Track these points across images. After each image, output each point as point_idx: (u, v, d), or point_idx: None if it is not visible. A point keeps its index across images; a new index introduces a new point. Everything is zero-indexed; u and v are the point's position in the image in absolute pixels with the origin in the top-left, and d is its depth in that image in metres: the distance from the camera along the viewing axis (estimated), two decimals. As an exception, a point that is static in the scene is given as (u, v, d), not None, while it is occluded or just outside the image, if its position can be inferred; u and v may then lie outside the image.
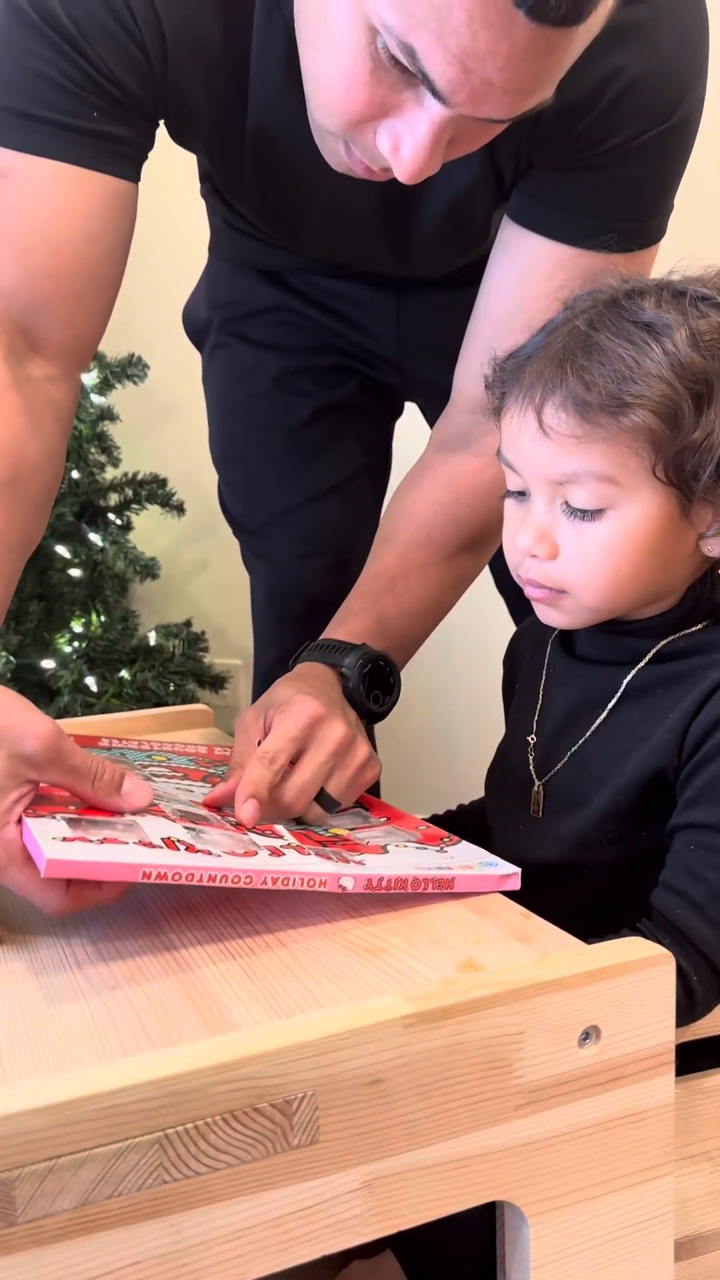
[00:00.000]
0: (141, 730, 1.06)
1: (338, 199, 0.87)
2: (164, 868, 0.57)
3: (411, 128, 0.67)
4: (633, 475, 0.66)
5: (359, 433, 1.15)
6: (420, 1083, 0.49)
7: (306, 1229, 0.47)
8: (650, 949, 0.54)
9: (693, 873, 0.65)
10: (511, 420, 0.71)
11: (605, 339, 0.66)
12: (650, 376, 0.65)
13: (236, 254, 1.11)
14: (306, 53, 0.71)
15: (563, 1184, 0.52)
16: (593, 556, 0.68)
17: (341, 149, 0.73)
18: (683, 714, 0.68)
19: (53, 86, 0.76)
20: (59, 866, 0.55)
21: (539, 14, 0.59)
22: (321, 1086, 0.46)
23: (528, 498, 0.71)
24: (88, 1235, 0.43)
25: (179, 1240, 0.45)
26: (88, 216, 0.80)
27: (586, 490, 0.67)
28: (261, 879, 0.59)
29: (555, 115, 0.77)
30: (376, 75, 0.65)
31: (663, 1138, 0.55)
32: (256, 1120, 0.45)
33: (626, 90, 0.77)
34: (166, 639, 1.71)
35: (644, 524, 0.67)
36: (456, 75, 0.62)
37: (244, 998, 0.54)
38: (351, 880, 0.61)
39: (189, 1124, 0.44)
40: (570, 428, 0.66)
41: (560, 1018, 0.51)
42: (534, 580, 0.71)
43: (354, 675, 0.83)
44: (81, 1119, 0.43)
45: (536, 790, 0.76)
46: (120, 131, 0.79)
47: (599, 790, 0.71)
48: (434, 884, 0.64)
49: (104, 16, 0.74)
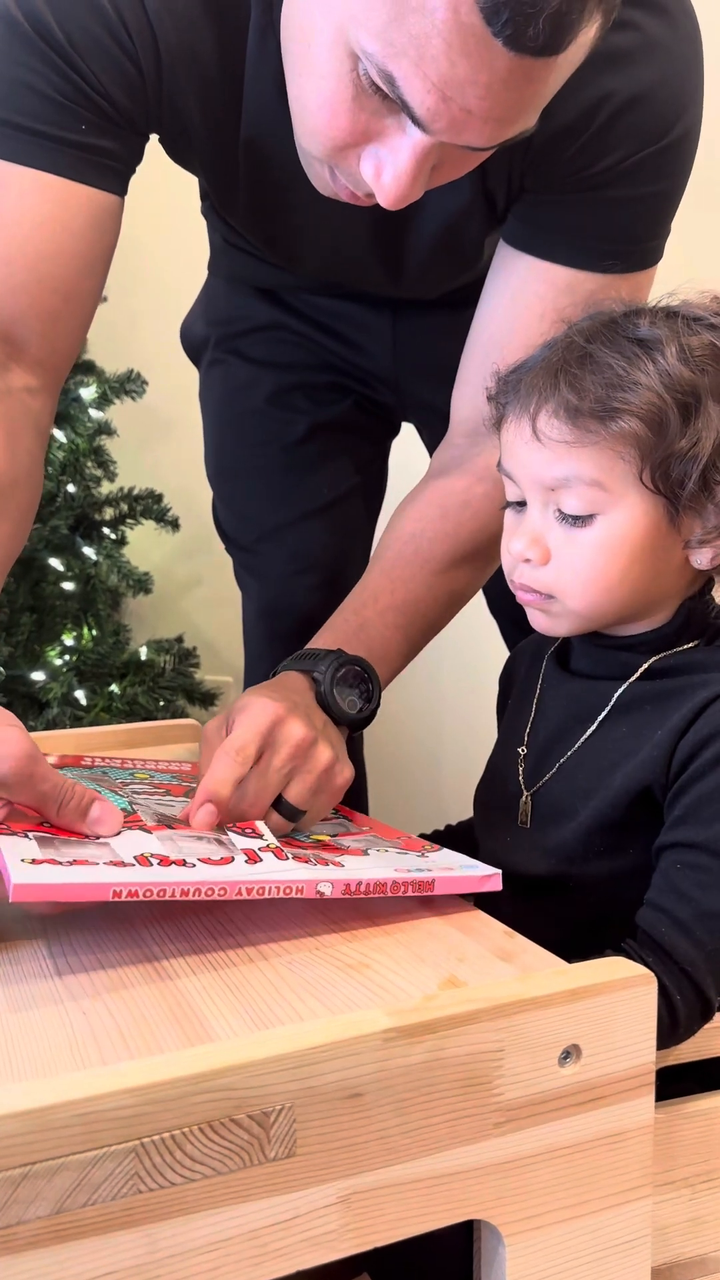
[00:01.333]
0: (130, 743, 1.06)
1: (331, 220, 0.88)
2: (134, 885, 0.57)
3: (394, 154, 0.68)
4: (620, 480, 0.69)
5: (354, 451, 1.15)
6: (399, 1098, 0.48)
7: (282, 1243, 0.47)
8: (632, 969, 0.54)
9: (678, 891, 0.66)
10: (509, 430, 0.73)
11: (598, 350, 0.69)
12: (639, 386, 0.67)
13: (234, 272, 1.12)
14: (292, 79, 0.71)
15: (540, 1204, 0.52)
16: (582, 561, 0.70)
17: (327, 174, 0.74)
18: (671, 731, 0.68)
19: (41, 98, 0.76)
20: (26, 890, 0.55)
21: (517, 44, 0.60)
22: (300, 1099, 0.46)
23: (525, 508, 0.73)
24: (61, 1244, 0.43)
25: (153, 1251, 0.45)
26: (68, 230, 0.79)
27: (577, 495, 0.69)
28: (236, 890, 0.59)
29: (545, 140, 0.78)
30: (359, 102, 0.66)
31: (641, 1160, 0.54)
32: (234, 1131, 0.45)
33: (617, 114, 0.78)
34: (158, 654, 1.71)
35: (632, 530, 0.69)
36: (435, 103, 0.63)
37: (224, 1010, 0.54)
38: (329, 885, 0.61)
39: (166, 1133, 0.44)
40: (562, 434, 0.69)
41: (541, 1036, 0.51)
42: (526, 585, 0.73)
43: (326, 679, 0.81)
44: (57, 1125, 0.42)
45: (525, 800, 0.76)
46: (108, 144, 0.79)
47: (586, 803, 0.71)
48: (413, 886, 0.64)
49: (98, 31, 0.75)
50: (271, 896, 0.60)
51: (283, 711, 0.74)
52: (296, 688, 0.81)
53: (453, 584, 0.92)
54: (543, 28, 0.59)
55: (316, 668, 0.82)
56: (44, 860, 0.57)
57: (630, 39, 0.76)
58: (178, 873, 0.59)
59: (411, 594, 0.90)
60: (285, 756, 0.73)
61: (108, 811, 0.65)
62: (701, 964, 0.63)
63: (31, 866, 0.56)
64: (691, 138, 0.82)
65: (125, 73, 0.77)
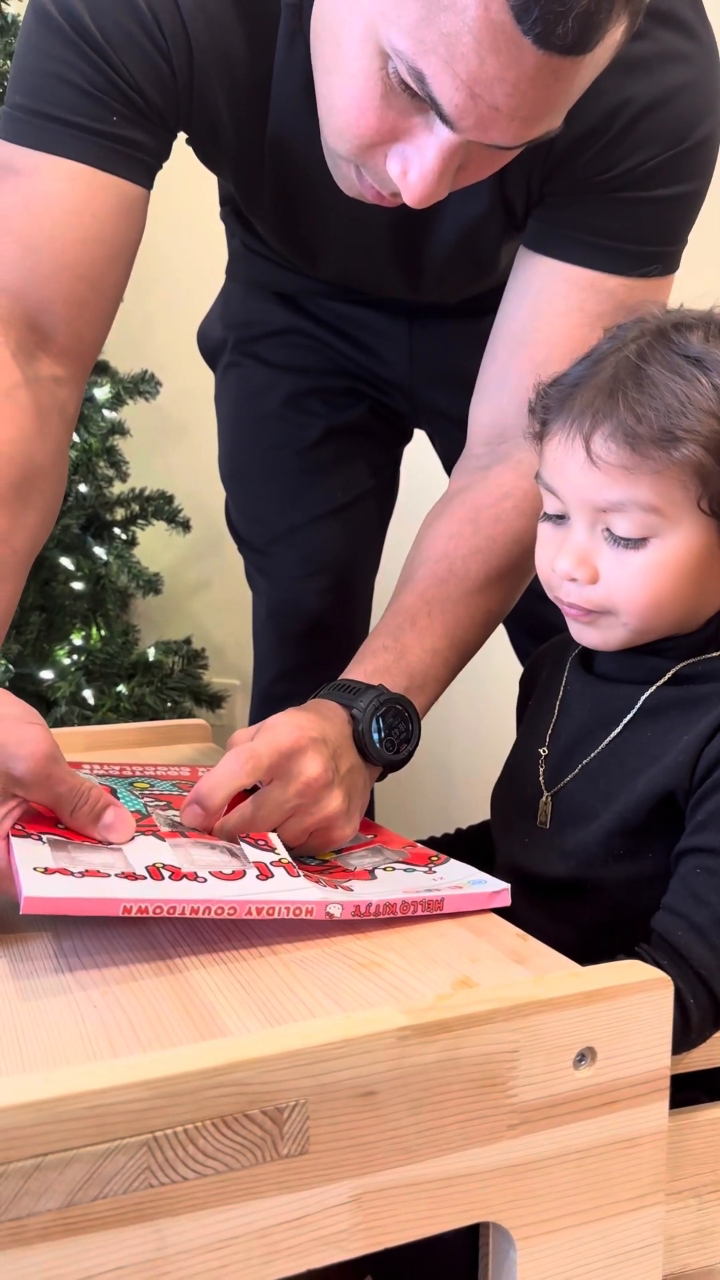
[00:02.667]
0: (140, 742, 1.05)
1: (352, 223, 0.88)
2: (146, 901, 0.56)
3: (420, 153, 0.68)
4: (678, 507, 0.68)
5: (367, 456, 1.15)
6: (413, 1097, 0.48)
7: (292, 1242, 0.46)
8: (649, 972, 0.53)
9: (696, 896, 0.65)
10: (557, 446, 0.71)
11: (656, 371, 0.68)
12: (700, 411, 0.66)
13: (253, 276, 1.12)
14: (320, 77, 0.72)
15: (552, 1208, 0.51)
16: (633, 582, 0.70)
17: (353, 173, 0.74)
18: (697, 737, 0.68)
19: (74, 90, 0.76)
20: (38, 904, 0.55)
21: (546, 42, 0.60)
22: (313, 1096, 0.46)
23: (566, 521, 0.72)
24: (71, 1237, 0.42)
25: (163, 1247, 0.44)
26: (95, 219, 0.79)
27: (630, 519, 0.69)
28: (246, 909, 0.59)
29: (564, 146, 0.78)
30: (387, 100, 0.66)
31: (654, 1166, 0.54)
32: (247, 1127, 0.45)
33: (636, 118, 0.78)
34: (166, 655, 1.71)
35: (685, 553, 0.69)
36: (464, 101, 0.63)
37: (236, 1006, 0.54)
38: (339, 907, 0.61)
39: (178, 1127, 0.44)
40: (620, 459, 0.68)
41: (556, 1038, 0.51)
42: (576, 604, 0.72)
43: (365, 717, 0.76)
44: (69, 1117, 0.42)
45: (545, 801, 0.76)
46: (138, 137, 0.79)
47: (607, 806, 0.71)
48: (422, 906, 0.64)
49: (131, 27, 0.75)
50: (281, 917, 0.60)
51: (306, 741, 0.70)
52: (335, 720, 0.76)
53: (489, 603, 0.88)
54: (571, 26, 0.59)
55: (356, 703, 0.77)
56: (56, 870, 0.57)
57: (649, 48, 0.76)
58: (188, 888, 0.59)
59: (450, 616, 0.86)
60: (294, 791, 0.69)
61: (120, 819, 0.65)
62: (717, 969, 0.63)
63: (44, 877, 0.56)
64: (712, 142, 0.82)
65: (157, 68, 0.77)
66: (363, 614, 1.20)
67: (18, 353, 0.80)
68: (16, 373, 0.79)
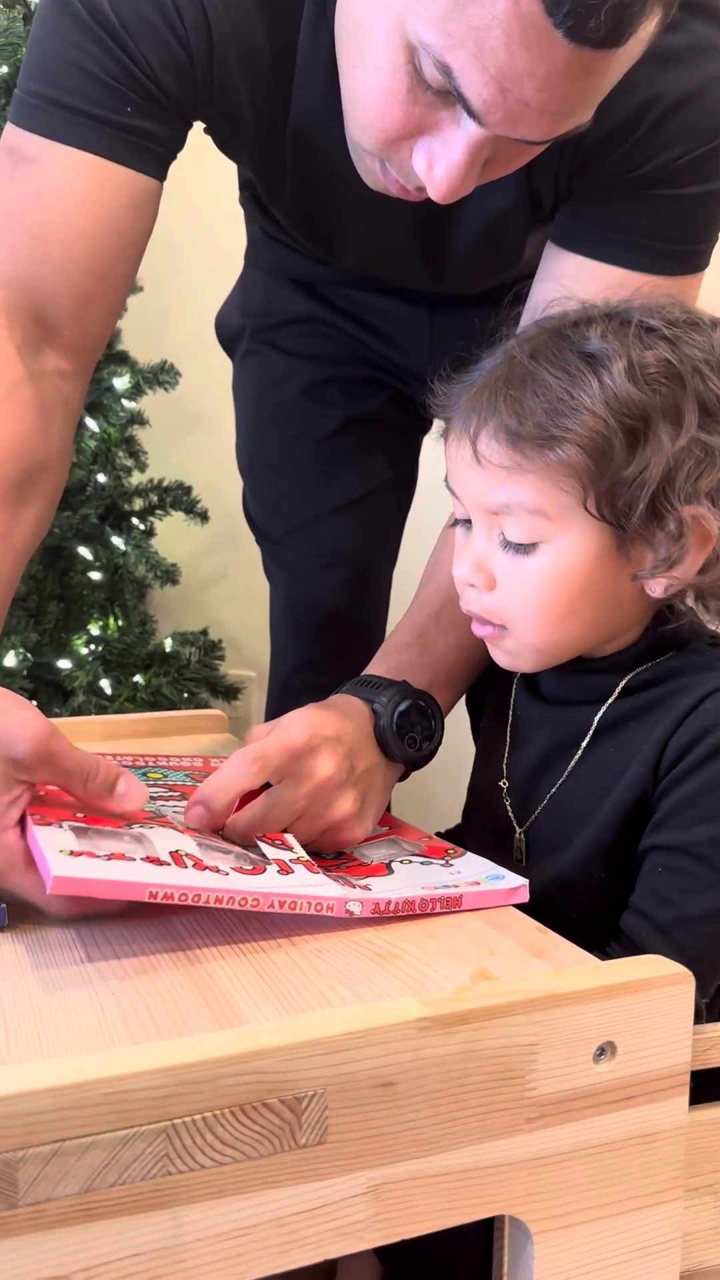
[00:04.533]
0: (156, 732, 1.06)
1: (373, 214, 0.87)
2: (171, 888, 0.56)
3: (447, 147, 0.67)
4: (563, 509, 0.66)
5: (386, 446, 1.15)
6: (432, 1089, 0.48)
7: (309, 1231, 0.46)
8: (670, 967, 0.53)
9: (659, 895, 0.65)
10: (451, 448, 0.71)
11: (542, 369, 0.66)
12: (583, 410, 0.63)
13: (272, 263, 1.11)
14: (345, 70, 0.71)
15: (570, 1202, 0.51)
16: (526, 590, 0.67)
17: (378, 168, 0.73)
18: (656, 743, 0.67)
19: (90, 78, 0.75)
20: (65, 884, 0.54)
21: (578, 35, 0.59)
22: (332, 1085, 0.46)
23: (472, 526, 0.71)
24: (89, 1223, 0.42)
25: (180, 1234, 0.44)
26: (106, 211, 0.78)
27: (519, 522, 0.67)
28: (269, 901, 0.59)
29: (594, 142, 0.77)
30: (413, 94, 0.65)
31: (673, 1161, 0.54)
32: (265, 1116, 0.45)
33: (667, 114, 0.77)
34: (182, 646, 1.71)
35: (578, 559, 0.66)
36: (493, 95, 0.62)
37: (255, 995, 0.54)
38: (359, 905, 0.61)
39: (197, 1115, 0.44)
40: (501, 458, 0.66)
41: (576, 1031, 0.50)
42: (475, 613, 0.71)
43: (386, 713, 0.75)
44: (89, 1103, 0.42)
45: (519, 838, 0.75)
46: (152, 128, 0.78)
47: (580, 831, 0.70)
48: (441, 904, 0.63)
49: (151, 16, 0.74)
50: (303, 912, 0.60)
51: (319, 740, 0.69)
52: (355, 716, 0.75)
53: None
54: (605, 19, 0.58)
55: (378, 698, 0.76)
56: (82, 852, 0.57)
57: (681, 39, 0.75)
58: (213, 879, 0.59)
59: None
60: (304, 792, 0.68)
61: (133, 786, 0.64)
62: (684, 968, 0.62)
63: (70, 859, 0.56)
64: None
65: (176, 58, 0.76)
66: (381, 606, 1.20)
67: (23, 346, 0.79)
68: (21, 367, 0.79)
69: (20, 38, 1.53)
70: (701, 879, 0.64)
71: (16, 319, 0.79)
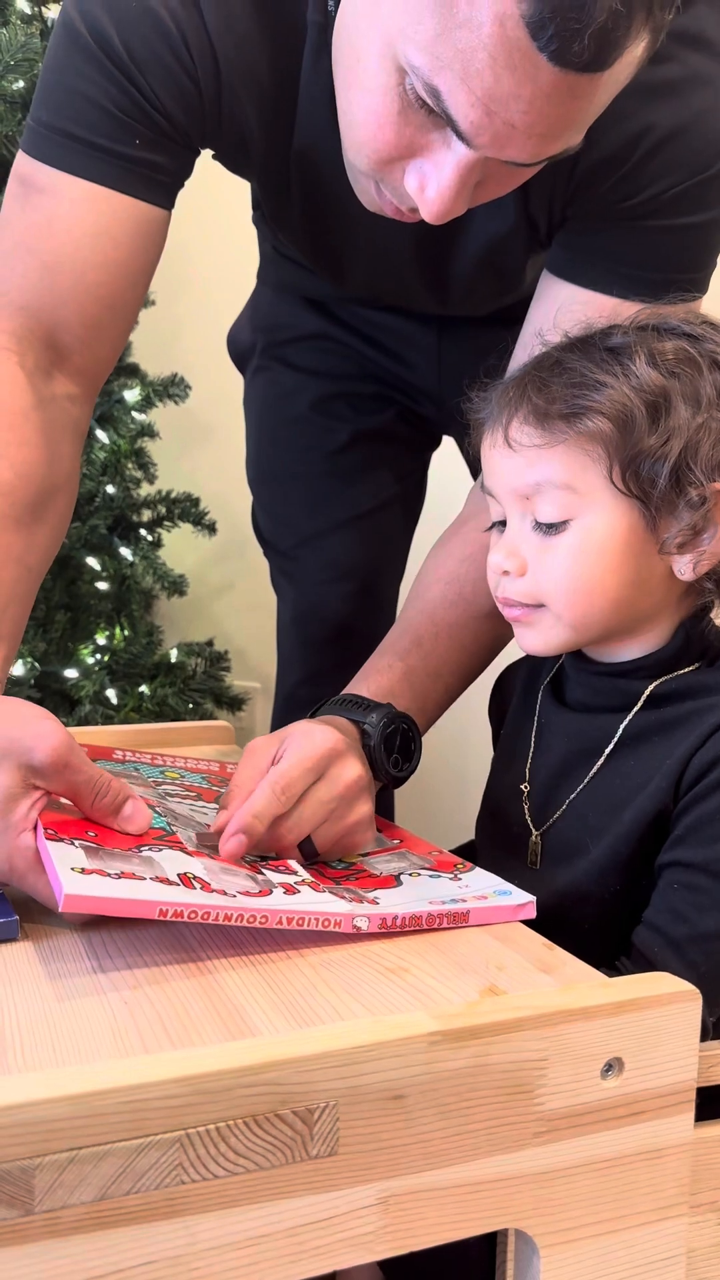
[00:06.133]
0: (163, 742, 1.06)
1: (377, 238, 0.88)
2: (181, 905, 0.57)
3: (438, 169, 0.68)
4: (591, 483, 0.69)
5: (394, 462, 1.16)
6: (442, 1102, 0.48)
7: (320, 1242, 0.47)
8: (677, 984, 0.53)
9: (674, 911, 0.65)
10: (485, 444, 0.74)
11: (567, 358, 0.70)
12: (605, 386, 0.67)
13: (283, 281, 1.12)
14: (341, 93, 0.72)
15: (577, 1216, 0.52)
16: (560, 567, 0.70)
17: (373, 189, 0.74)
18: (679, 760, 0.68)
19: (98, 110, 0.77)
20: (76, 901, 0.55)
21: (562, 59, 0.59)
22: (344, 1098, 0.46)
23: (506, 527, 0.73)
24: (103, 1230, 0.43)
25: (192, 1243, 0.45)
26: (114, 242, 0.80)
27: (550, 501, 0.70)
28: (277, 919, 0.60)
29: (586, 171, 0.78)
30: (404, 115, 0.66)
31: (678, 1177, 0.54)
32: (278, 1127, 0.45)
33: (659, 145, 0.77)
34: (188, 657, 1.72)
35: (608, 534, 0.69)
36: (479, 118, 0.63)
37: (265, 1007, 0.54)
38: (366, 920, 0.62)
39: (211, 1125, 0.44)
40: (531, 438, 0.70)
41: (584, 1047, 0.51)
42: (508, 598, 0.73)
43: (376, 734, 0.78)
44: (105, 1111, 0.42)
45: (534, 841, 0.75)
46: (160, 160, 0.80)
47: (598, 842, 0.70)
48: (448, 919, 0.64)
49: (158, 46, 0.75)
50: (310, 928, 0.61)
51: (342, 747, 0.72)
52: (348, 732, 0.77)
53: (497, 628, 0.87)
54: (588, 44, 0.59)
55: (367, 719, 0.79)
56: (93, 870, 0.58)
57: (673, 71, 0.76)
58: (221, 898, 0.59)
59: (456, 642, 0.87)
60: (337, 794, 0.71)
61: (139, 811, 0.66)
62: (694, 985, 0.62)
63: (81, 876, 0.57)
64: None
65: (184, 89, 0.77)
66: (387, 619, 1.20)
67: (35, 372, 0.81)
68: (33, 393, 0.80)
69: (37, 53, 1.54)
70: (717, 896, 0.65)
71: (29, 345, 0.81)
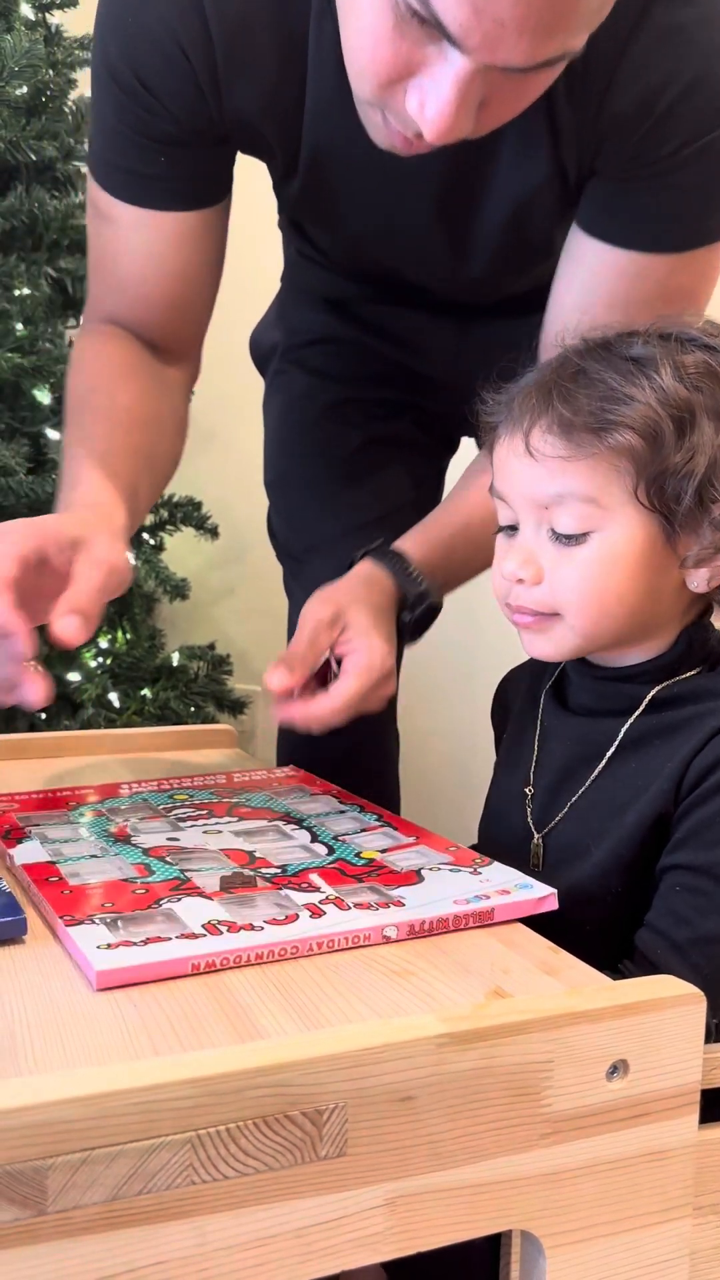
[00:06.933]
0: (167, 746, 1.07)
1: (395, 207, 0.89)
2: (212, 955, 0.58)
3: (436, 84, 0.67)
4: (615, 497, 0.68)
5: (409, 467, 1.16)
6: (449, 1103, 0.49)
7: (328, 1243, 0.47)
8: (682, 987, 0.54)
9: (676, 914, 0.66)
10: (502, 449, 0.73)
11: (593, 367, 0.69)
12: (634, 400, 0.67)
13: (306, 283, 1.13)
14: (342, 27, 0.72)
15: (582, 1218, 0.52)
16: (577, 579, 0.70)
17: (379, 120, 0.74)
18: (679, 763, 0.68)
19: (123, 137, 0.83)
20: (110, 976, 0.56)
21: None
22: (353, 1099, 0.47)
23: (517, 532, 0.73)
24: (115, 1230, 0.43)
25: (202, 1244, 0.45)
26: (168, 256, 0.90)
27: (570, 513, 0.69)
28: (307, 946, 0.60)
29: (611, 120, 0.78)
30: (399, 30, 0.66)
31: (682, 1179, 0.55)
32: (287, 1128, 0.46)
33: (680, 97, 0.77)
34: (190, 660, 1.72)
35: (628, 548, 0.69)
36: (467, 18, 0.62)
37: (273, 1009, 0.55)
38: (395, 929, 0.62)
39: (222, 1126, 0.44)
40: (556, 449, 0.69)
41: (590, 1049, 0.51)
42: (522, 607, 0.72)
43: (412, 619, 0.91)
44: (117, 1112, 0.43)
45: (536, 843, 0.76)
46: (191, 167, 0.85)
47: (600, 843, 0.71)
48: (474, 918, 0.64)
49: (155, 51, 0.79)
50: (341, 949, 0.61)
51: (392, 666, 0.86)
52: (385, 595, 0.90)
53: None
54: None
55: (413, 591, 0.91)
56: (119, 944, 0.58)
57: (688, 14, 0.76)
58: (248, 937, 0.60)
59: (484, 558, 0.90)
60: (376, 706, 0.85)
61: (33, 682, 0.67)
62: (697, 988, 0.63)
63: (109, 952, 0.57)
64: None
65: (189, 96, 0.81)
66: None
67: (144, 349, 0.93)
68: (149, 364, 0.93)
69: (41, 59, 1.55)
70: (719, 900, 0.65)
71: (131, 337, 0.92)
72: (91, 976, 0.56)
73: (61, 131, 1.60)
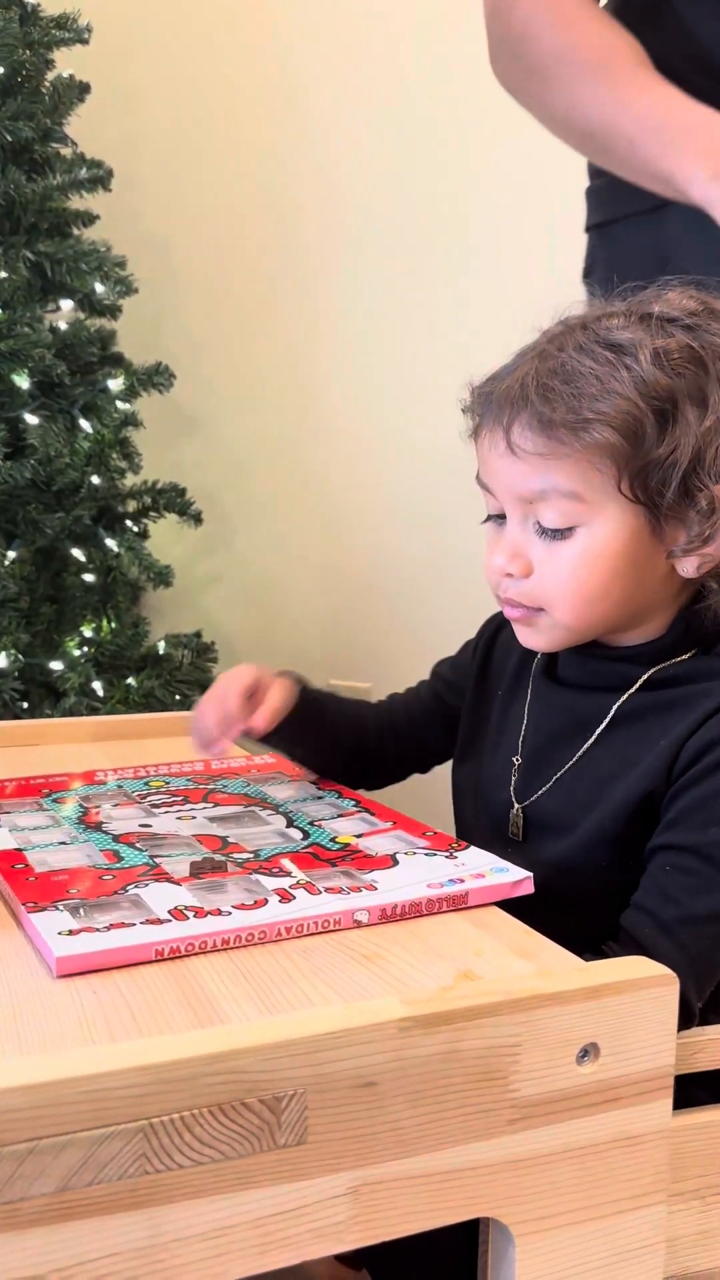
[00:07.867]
0: (149, 733, 1.05)
1: None
2: (176, 941, 0.57)
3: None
4: (598, 492, 0.67)
5: None
6: (413, 1089, 0.47)
7: (288, 1232, 0.46)
8: (654, 969, 0.53)
9: (665, 894, 0.64)
10: (484, 442, 0.72)
11: (570, 358, 0.67)
12: (613, 394, 0.65)
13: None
14: None
15: (552, 1205, 0.51)
16: (563, 573, 0.69)
17: None
18: (675, 740, 0.67)
19: None
20: (70, 962, 0.55)
21: None
22: (312, 1086, 0.45)
23: (505, 521, 0.72)
24: (64, 1222, 0.42)
25: (156, 1235, 0.44)
26: None
27: (555, 508, 0.68)
28: (275, 931, 0.59)
29: None
30: None
31: (656, 1165, 0.53)
32: (244, 1116, 0.44)
33: None
34: (175, 648, 1.70)
35: (613, 541, 0.68)
36: None
37: (236, 994, 0.53)
38: (366, 914, 0.61)
39: (175, 1114, 0.43)
40: (536, 446, 0.67)
41: (559, 1032, 0.50)
42: (511, 599, 0.72)
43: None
44: (65, 1101, 0.42)
45: (515, 814, 0.75)
46: None
47: (585, 816, 0.70)
48: (448, 902, 0.63)
49: None
50: (310, 933, 0.60)
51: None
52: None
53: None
54: None
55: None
56: (80, 929, 0.57)
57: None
58: (215, 922, 0.59)
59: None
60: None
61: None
62: (683, 968, 0.61)
63: (70, 939, 0.56)
64: None
65: None
66: None
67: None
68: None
69: (16, 38, 1.53)
70: (709, 880, 0.64)
71: None
72: (52, 963, 0.55)
73: (38, 112, 1.57)
